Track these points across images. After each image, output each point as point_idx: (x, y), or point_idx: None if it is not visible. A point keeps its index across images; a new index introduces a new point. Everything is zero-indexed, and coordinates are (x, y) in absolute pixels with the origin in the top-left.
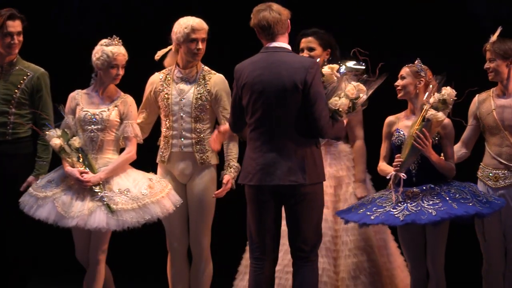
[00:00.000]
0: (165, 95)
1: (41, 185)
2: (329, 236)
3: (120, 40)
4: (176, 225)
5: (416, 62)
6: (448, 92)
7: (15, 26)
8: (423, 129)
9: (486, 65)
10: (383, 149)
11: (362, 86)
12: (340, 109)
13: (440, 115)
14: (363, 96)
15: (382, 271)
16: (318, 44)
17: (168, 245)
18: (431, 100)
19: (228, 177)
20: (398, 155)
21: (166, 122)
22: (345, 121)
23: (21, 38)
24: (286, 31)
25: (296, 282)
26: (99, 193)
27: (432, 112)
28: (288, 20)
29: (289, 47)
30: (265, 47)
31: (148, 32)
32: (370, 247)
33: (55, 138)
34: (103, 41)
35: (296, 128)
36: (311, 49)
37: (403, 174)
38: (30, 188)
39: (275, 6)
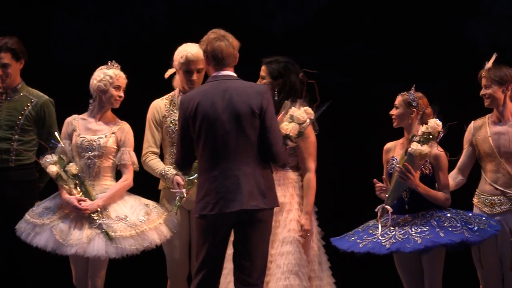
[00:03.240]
0: (172, 121)
1: (38, 212)
2: None
3: (119, 65)
4: (178, 251)
5: (411, 90)
6: (432, 125)
7: (2, 57)
8: (406, 163)
9: (482, 92)
10: (385, 175)
11: (310, 110)
12: (291, 134)
13: (424, 148)
14: (307, 121)
15: None
16: (267, 73)
17: (168, 272)
18: (419, 132)
19: None
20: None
21: (171, 149)
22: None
23: (9, 70)
24: (235, 63)
25: None
26: (97, 221)
27: (413, 146)
28: (237, 52)
29: (236, 75)
30: (213, 76)
31: (147, 59)
32: (303, 274)
33: (51, 165)
34: (102, 66)
35: (252, 154)
36: (262, 78)
37: (389, 207)
38: (26, 215)
39: (230, 38)
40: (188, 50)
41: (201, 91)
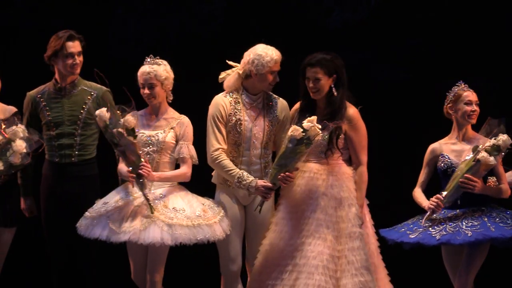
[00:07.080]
0: (238, 120)
1: (96, 208)
2: (326, 255)
3: (154, 58)
4: (232, 247)
5: (463, 85)
6: (504, 139)
7: (75, 46)
8: (467, 174)
9: None
10: (422, 175)
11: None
12: None
13: (492, 159)
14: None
15: None
16: (323, 73)
17: (221, 268)
18: (486, 144)
19: None
20: (437, 195)
21: (234, 148)
22: None
23: (81, 58)
24: None
25: None
26: (144, 190)
27: (484, 154)
28: None
29: None
30: None
31: (203, 55)
32: (373, 267)
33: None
34: None
35: None
36: (317, 80)
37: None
38: (87, 212)
39: None
40: (273, 53)
41: None
